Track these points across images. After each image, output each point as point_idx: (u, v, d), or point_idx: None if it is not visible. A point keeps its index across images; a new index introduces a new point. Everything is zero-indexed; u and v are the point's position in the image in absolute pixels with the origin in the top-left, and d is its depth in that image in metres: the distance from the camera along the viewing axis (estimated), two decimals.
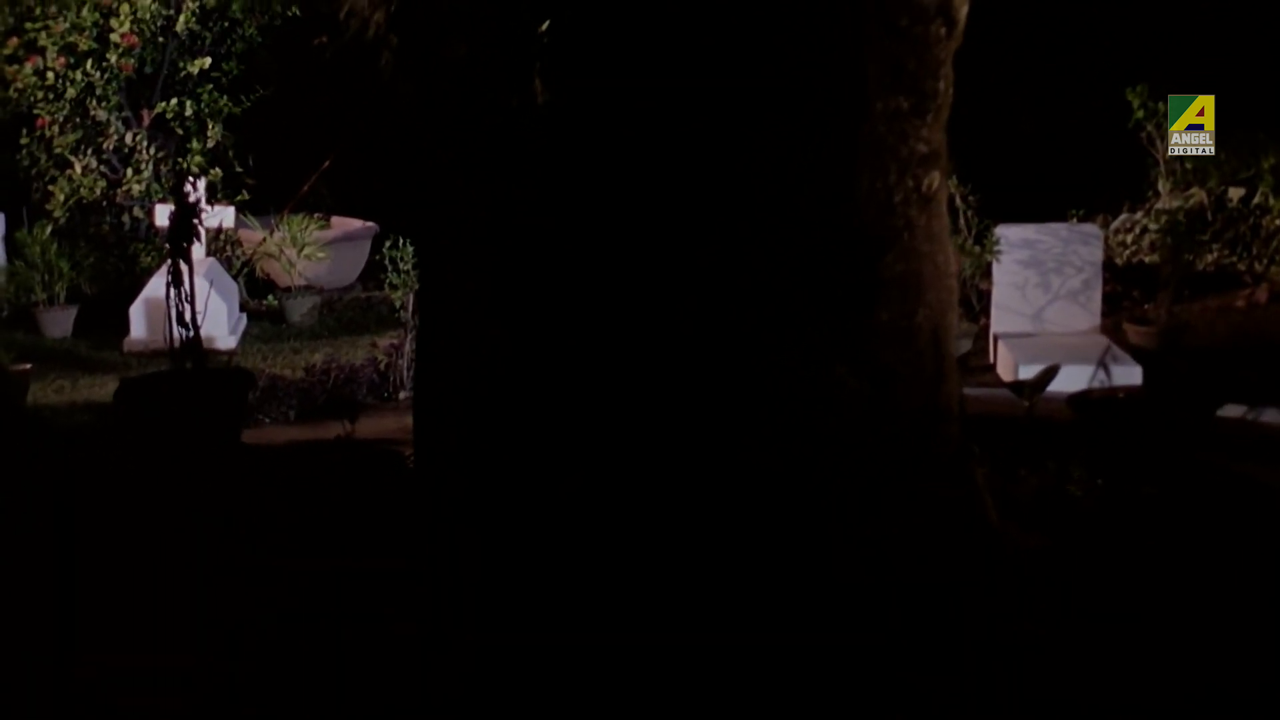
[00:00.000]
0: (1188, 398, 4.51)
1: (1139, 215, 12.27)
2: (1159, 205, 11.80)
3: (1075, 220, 11.97)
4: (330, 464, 5.13)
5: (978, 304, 9.75)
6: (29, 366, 8.95)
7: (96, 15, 11.67)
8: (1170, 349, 8.96)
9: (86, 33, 11.65)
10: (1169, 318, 9.39)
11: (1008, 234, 9.25)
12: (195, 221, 6.12)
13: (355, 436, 5.35)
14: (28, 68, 11.63)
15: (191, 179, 7.66)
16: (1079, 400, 4.51)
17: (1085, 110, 12.44)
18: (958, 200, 11.19)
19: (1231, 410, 4.62)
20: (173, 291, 5.94)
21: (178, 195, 6.21)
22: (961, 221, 11.04)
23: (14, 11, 11.68)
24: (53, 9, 11.62)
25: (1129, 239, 12.04)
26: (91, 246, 12.02)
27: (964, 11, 3.16)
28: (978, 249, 9.36)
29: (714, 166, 3.04)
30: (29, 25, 11.61)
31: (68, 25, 11.60)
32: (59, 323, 11.22)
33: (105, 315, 11.02)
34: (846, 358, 3.13)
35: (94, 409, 8.72)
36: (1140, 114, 11.63)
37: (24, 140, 11.93)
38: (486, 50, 3.55)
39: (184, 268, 5.99)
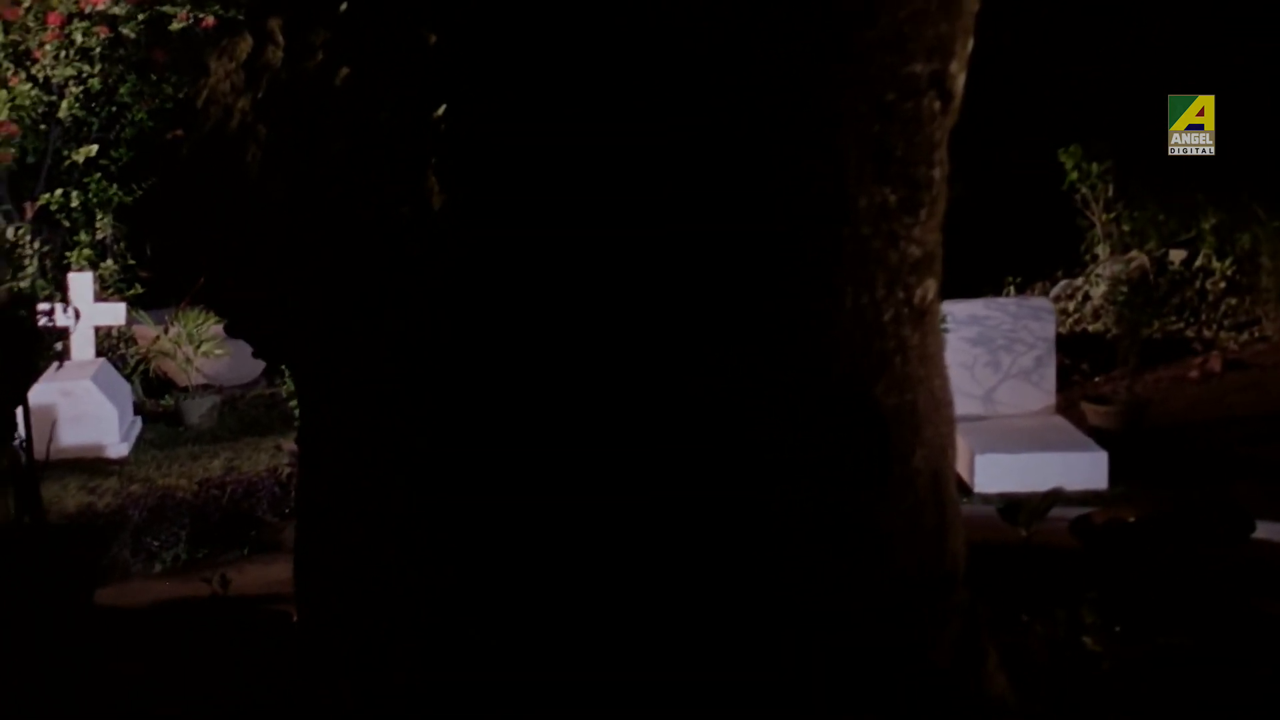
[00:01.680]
0: (1210, 525, 3.91)
1: (1079, 281, 11.82)
2: (1098, 270, 11.37)
3: (1012, 288, 11.50)
4: (193, 640, 4.40)
5: None
6: None
7: None
8: (1133, 430, 8.42)
9: None
10: (1130, 395, 8.85)
11: (954, 310, 8.67)
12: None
13: (231, 594, 4.60)
14: None
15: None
16: (1083, 527, 3.92)
17: (1017, 173, 12.02)
18: None
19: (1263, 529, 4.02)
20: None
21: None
22: None
23: None
24: None
25: (1070, 306, 11.57)
26: None
27: (961, 82, 2.55)
28: None
29: (652, 293, 2.40)
30: None
31: None
32: None
33: None
34: (835, 527, 2.49)
35: None
36: (1074, 175, 11.24)
37: None
38: (372, 144, 2.90)
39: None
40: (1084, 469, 7.46)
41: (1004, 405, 8.60)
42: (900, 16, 2.38)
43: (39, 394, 9.41)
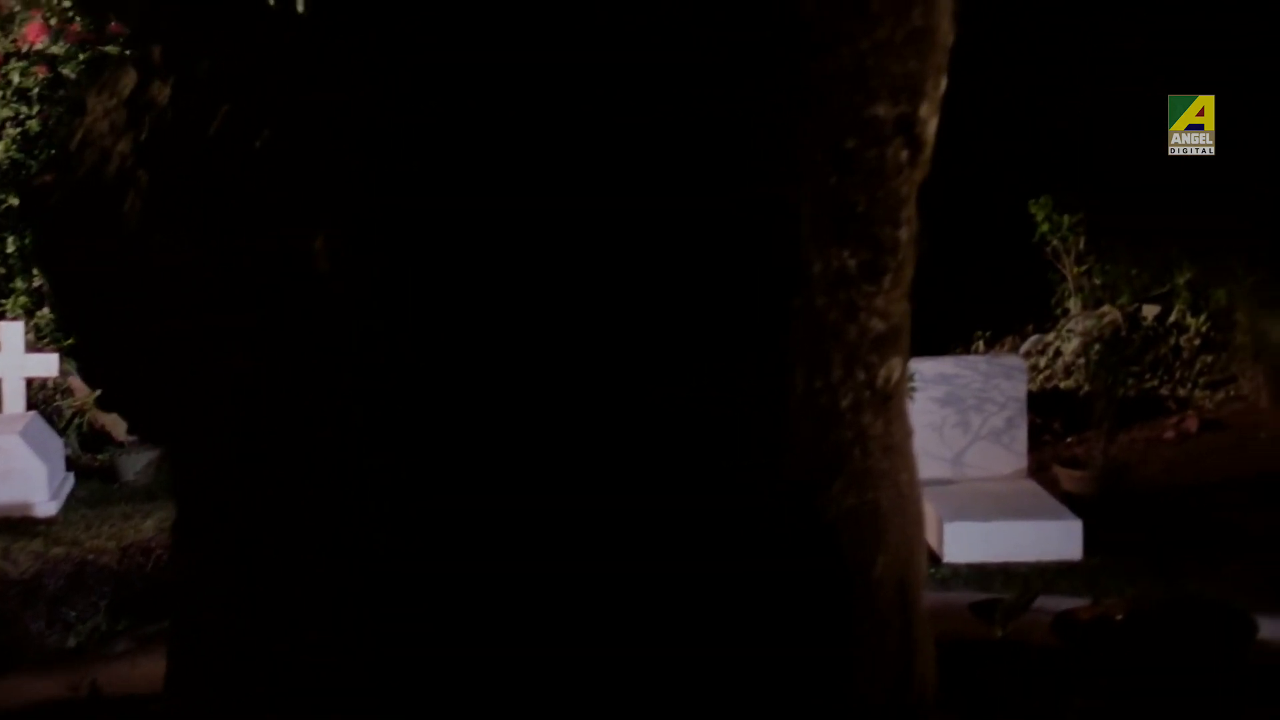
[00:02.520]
0: (1207, 627, 3.52)
1: (1050, 337, 11.48)
2: (1070, 325, 11.03)
3: (981, 343, 11.15)
4: None
5: None
6: None
7: None
8: (1108, 495, 8.05)
9: None
10: (1105, 459, 8.48)
11: (922, 368, 8.30)
12: None
13: (104, 694, 4.11)
14: None
15: None
16: (1067, 625, 3.53)
17: (985, 224, 11.71)
18: None
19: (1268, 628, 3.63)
20: None
21: None
22: None
23: None
24: None
25: (1041, 362, 11.21)
26: None
27: (932, 128, 2.17)
28: None
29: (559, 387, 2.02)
30: None
31: None
32: None
33: None
34: (783, 659, 2.09)
35: None
36: (1045, 227, 10.92)
37: None
38: (281, 192, 2.53)
39: None
40: (1057, 538, 7.11)
41: (973, 468, 8.23)
42: (862, 47, 2.00)
43: None
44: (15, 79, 10.65)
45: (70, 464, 9.99)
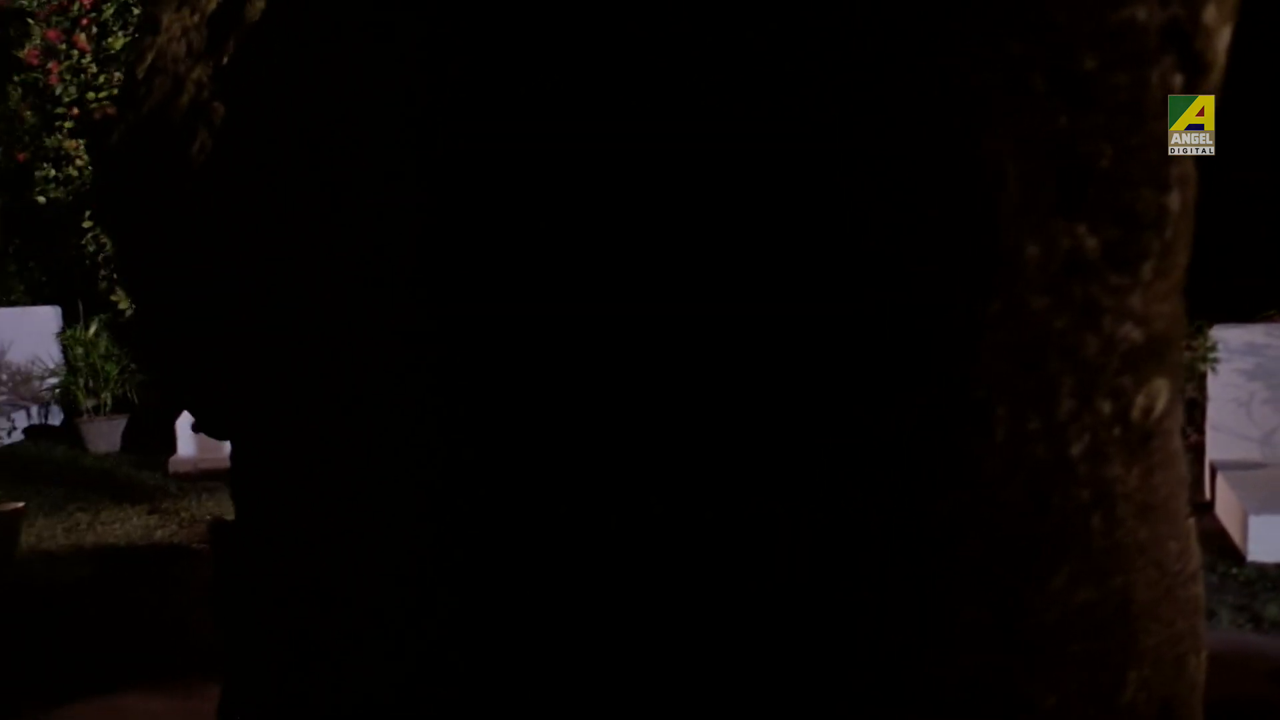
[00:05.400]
0: None
1: None
2: None
3: None
4: None
5: (1187, 423, 7.82)
6: (21, 506, 7.56)
7: None
8: None
9: None
10: None
11: (1227, 337, 7.34)
12: None
13: None
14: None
15: None
16: None
17: None
18: None
19: None
20: None
21: None
22: None
23: (76, 81, 10.43)
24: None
25: None
26: None
27: (1222, 41, 1.44)
28: (1186, 354, 7.46)
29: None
30: (90, 95, 10.34)
31: None
32: (105, 436, 9.92)
33: (158, 428, 9.66)
34: None
35: (102, 556, 7.28)
36: None
37: (86, 224, 10.57)
38: (390, 105, 1.98)
39: None
40: None
41: None
42: None
43: None
44: None
45: None
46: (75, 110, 10.21)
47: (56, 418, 10.51)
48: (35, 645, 5.83)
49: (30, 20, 10.62)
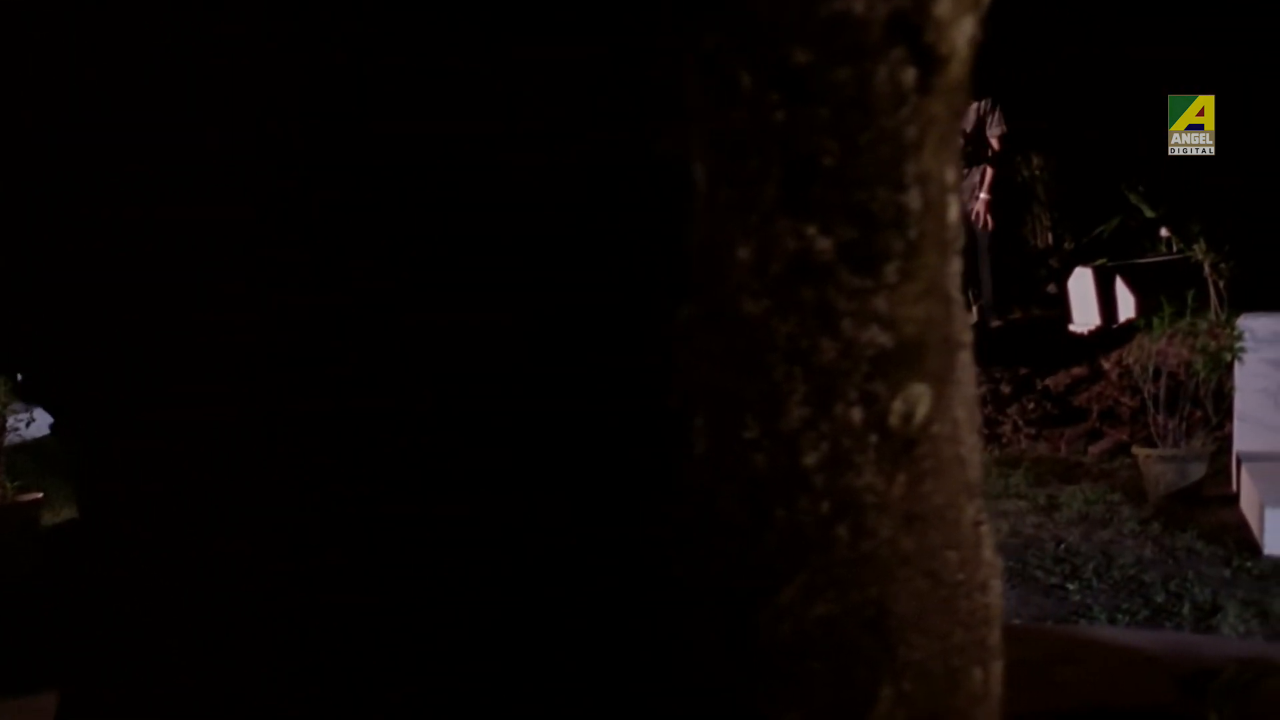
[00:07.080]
0: None
1: None
2: None
3: None
4: None
5: (1214, 413, 7.65)
6: (39, 495, 7.68)
7: None
8: None
9: None
10: None
11: (1253, 326, 7.17)
12: None
13: None
14: None
15: None
16: None
17: None
18: (1206, 269, 9.16)
19: None
20: None
21: None
22: (1212, 300, 9.01)
23: None
24: None
25: None
26: None
27: (962, 35, 1.38)
28: (1213, 343, 7.30)
29: None
30: None
31: None
32: None
33: None
34: None
35: None
36: None
37: None
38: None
39: None
40: None
41: None
42: None
43: None
44: None
45: None
46: None
47: None
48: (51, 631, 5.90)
49: None
